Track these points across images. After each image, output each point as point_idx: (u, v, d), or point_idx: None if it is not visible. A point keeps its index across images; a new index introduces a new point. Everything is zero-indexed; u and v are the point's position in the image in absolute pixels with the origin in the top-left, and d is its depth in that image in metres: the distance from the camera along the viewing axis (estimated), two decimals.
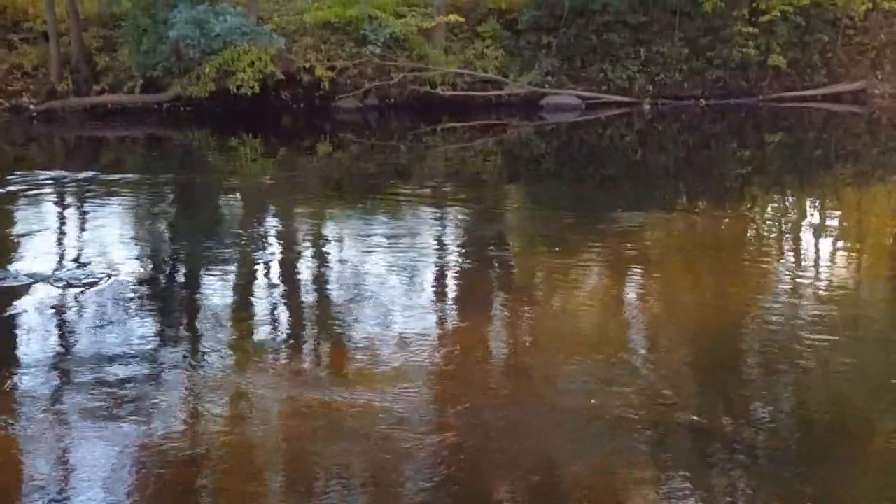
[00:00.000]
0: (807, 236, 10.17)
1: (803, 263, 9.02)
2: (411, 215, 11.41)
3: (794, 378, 6.05)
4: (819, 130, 20.58)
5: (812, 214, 11.75)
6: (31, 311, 7.34)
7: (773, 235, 10.32)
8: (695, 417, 5.40)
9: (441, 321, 7.23)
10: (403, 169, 15.97)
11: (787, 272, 8.66)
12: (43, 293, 7.77)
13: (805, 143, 18.76)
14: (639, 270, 8.70)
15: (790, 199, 12.72)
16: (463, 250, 9.51)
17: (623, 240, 9.57)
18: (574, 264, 8.74)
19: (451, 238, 10.25)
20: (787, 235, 10.31)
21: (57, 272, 8.42)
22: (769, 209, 12.01)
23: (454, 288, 8.22)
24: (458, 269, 8.85)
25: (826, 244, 9.72)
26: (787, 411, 5.69)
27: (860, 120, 21.50)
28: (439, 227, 10.79)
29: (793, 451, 5.03)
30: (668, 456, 4.99)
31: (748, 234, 10.38)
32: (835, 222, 11.06)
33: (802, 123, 21.31)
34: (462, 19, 22.36)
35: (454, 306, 7.69)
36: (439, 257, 9.20)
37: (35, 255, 9.12)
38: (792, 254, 9.43)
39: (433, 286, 8.16)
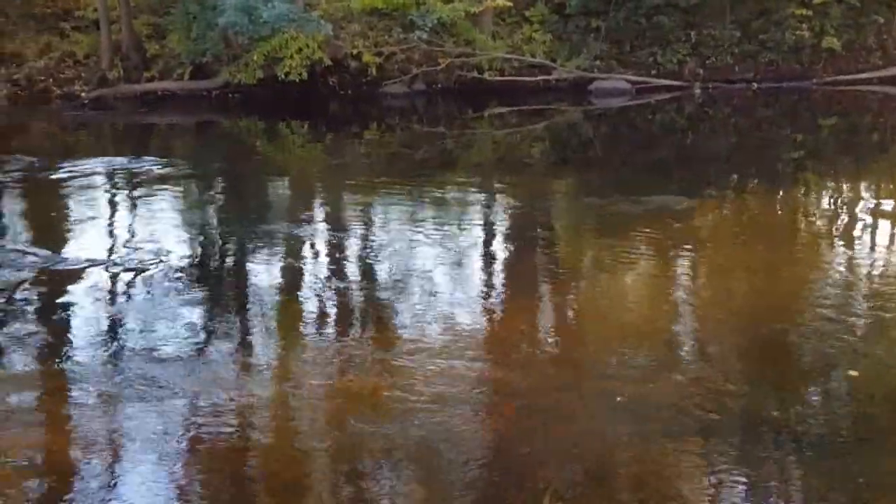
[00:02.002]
0: (861, 221, 9.98)
1: (857, 248, 8.86)
2: (459, 201, 11.38)
3: (846, 365, 5.94)
4: (874, 114, 20.18)
5: (866, 199, 11.52)
6: (86, 294, 7.45)
7: (827, 220, 10.15)
8: (746, 404, 5.33)
9: (489, 305, 7.20)
10: (451, 154, 15.93)
11: (840, 257, 8.52)
12: (96, 277, 7.88)
13: (860, 126, 18.41)
14: (689, 255, 8.61)
15: (844, 183, 12.48)
16: (511, 235, 9.47)
17: (673, 224, 9.47)
18: (623, 248, 8.66)
19: (499, 223, 10.21)
20: (841, 220, 10.14)
21: (110, 257, 8.53)
22: (822, 193, 11.82)
23: (502, 272, 8.18)
24: (505, 253, 8.81)
25: (881, 229, 9.53)
26: (838, 398, 5.60)
27: None
28: (487, 212, 10.75)
29: (844, 440, 4.94)
30: (719, 442, 4.93)
31: (801, 219, 10.22)
32: (890, 207, 10.83)
33: (857, 107, 20.91)
34: (510, 4, 22.19)
35: (502, 290, 7.66)
36: (487, 242, 9.16)
37: (88, 241, 9.23)
38: (846, 238, 9.26)
39: (481, 270, 8.14)
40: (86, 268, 8.05)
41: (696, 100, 21.40)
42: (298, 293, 7.60)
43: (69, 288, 7.60)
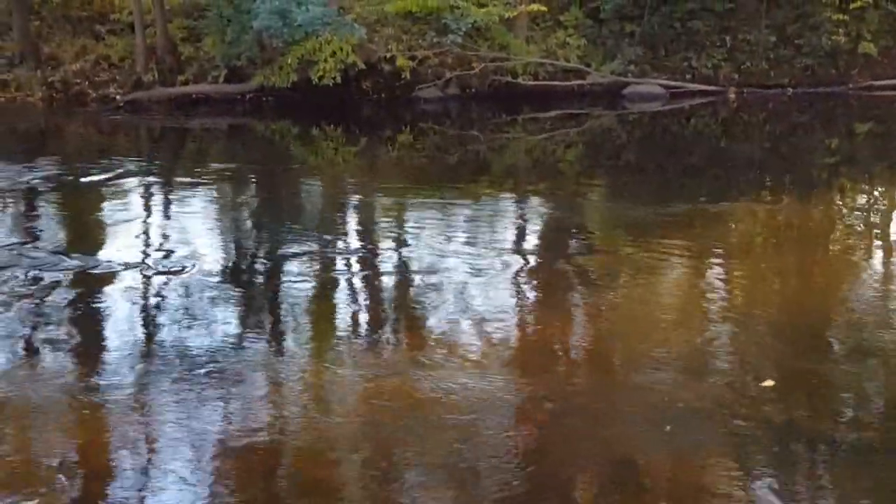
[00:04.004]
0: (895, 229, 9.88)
1: (893, 255, 8.75)
2: (492, 205, 11.36)
3: (881, 371, 5.86)
4: None
5: None
6: (120, 296, 7.50)
7: (861, 226, 10.04)
8: (779, 409, 5.27)
9: (522, 310, 7.18)
10: (484, 159, 15.92)
11: (874, 264, 8.42)
12: (130, 280, 7.93)
13: (895, 132, 18.20)
14: (722, 260, 8.55)
15: (879, 189, 12.33)
16: (544, 239, 9.43)
17: (707, 229, 9.41)
18: (658, 254, 8.60)
19: (532, 227, 10.18)
20: (876, 226, 10.01)
21: (144, 260, 8.59)
22: (857, 199, 11.69)
23: (535, 277, 8.15)
24: (538, 257, 8.78)
25: None
26: (872, 404, 5.52)
27: None
28: (520, 217, 10.72)
29: (878, 445, 4.87)
30: (751, 447, 4.88)
31: (836, 225, 10.12)
32: None
33: (893, 113, 20.68)
34: (544, 8, 22.14)
35: (535, 295, 7.63)
36: (520, 247, 9.14)
37: (122, 244, 9.29)
38: (880, 245, 9.15)
39: (514, 276, 8.10)
40: (120, 271, 8.10)
41: (730, 105, 21.25)
42: (331, 299, 7.61)
43: (104, 290, 7.65)
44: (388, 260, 8.80)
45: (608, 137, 18.40)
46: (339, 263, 8.75)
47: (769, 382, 5.56)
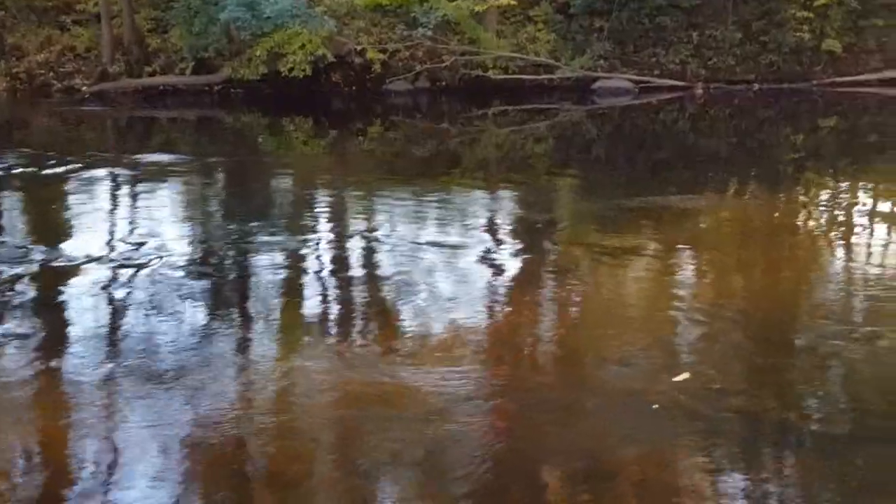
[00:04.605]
0: (860, 222, 9.98)
1: (856, 249, 8.86)
2: (462, 198, 11.37)
3: (843, 364, 5.94)
4: (873, 115, 20.18)
5: (865, 200, 11.51)
6: (83, 290, 7.42)
7: (826, 220, 10.14)
8: (744, 403, 5.33)
9: (490, 303, 7.19)
10: (454, 152, 15.93)
11: (839, 258, 8.52)
12: (95, 273, 7.84)
13: (859, 128, 18.41)
14: (690, 254, 8.61)
15: (843, 184, 12.47)
16: (513, 233, 9.46)
17: (674, 224, 9.47)
18: (625, 247, 8.65)
19: (502, 220, 10.20)
20: (840, 221, 10.13)
21: (108, 253, 8.50)
22: (822, 194, 11.81)
23: (504, 270, 8.16)
24: (508, 250, 8.80)
25: (879, 230, 9.54)
26: (835, 397, 5.59)
27: None
28: (490, 210, 10.74)
29: (841, 437, 4.94)
30: (718, 441, 4.93)
31: (801, 219, 10.22)
32: (887, 208, 10.83)
33: (856, 109, 20.92)
34: (514, 3, 22.19)
35: (504, 288, 7.64)
36: (489, 239, 9.15)
37: (87, 236, 9.21)
38: (844, 239, 9.25)
39: (484, 269, 8.12)
40: (83, 264, 8.02)
41: (697, 100, 21.41)
42: (300, 292, 7.58)
43: (67, 283, 7.58)
44: (357, 252, 8.79)
45: (578, 132, 18.47)
46: (308, 256, 8.71)
47: (684, 376, 5.58)
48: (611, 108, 20.92)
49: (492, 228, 9.71)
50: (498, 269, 8.17)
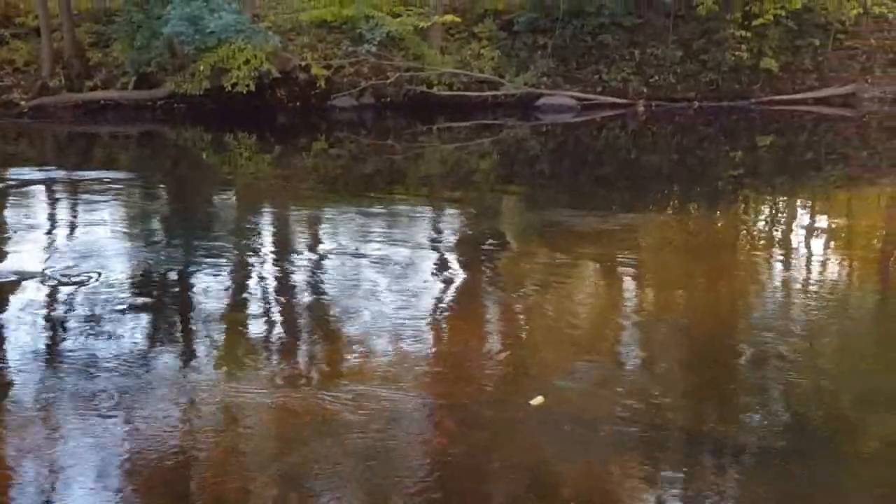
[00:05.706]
0: (797, 238, 10.18)
1: (793, 264, 9.03)
2: (406, 214, 11.39)
3: (782, 377, 6.03)
4: (809, 133, 20.60)
5: (802, 216, 11.75)
6: (19, 309, 7.28)
7: (764, 236, 10.31)
8: (685, 417, 5.39)
9: (434, 320, 7.19)
10: (399, 168, 15.94)
11: (778, 272, 8.66)
12: (32, 291, 7.71)
13: (795, 145, 18.77)
14: (631, 270, 8.70)
15: (781, 201, 12.70)
16: (457, 249, 9.48)
17: (617, 239, 9.57)
18: (567, 264, 8.72)
19: (446, 237, 10.22)
20: (778, 237, 10.31)
21: (46, 270, 8.35)
22: (760, 211, 12.01)
23: (449, 287, 8.18)
24: (453, 267, 8.82)
25: (816, 246, 9.72)
26: (775, 410, 5.67)
27: (850, 123, 21.51)
28: (434, 227, 10.77)
29: (781, 450, 5.01)
30: (659, 455, 4.97)
31: (739, 235, 10.38)
32: (824, 224, 11.06)
33: (793, 126, 21.33)
34: (458, 20, 22.35)
35: (448, 305, 7.65)
36: (434, 256, 9.16)
37: (24, 253, 9.05)
38: (782, 255, 9.42)
39: (428, 285, 8.13)
40: (19, 281, 7.89)
41: (639, 117, 21.68)
42: (241, 308, 7.51)
43: (3, 301, 7.45)
44: (301, 269, 8.74)
45: (522, 148, 18.59)
46: (251, 273, 8.66)
47: (539, 399, 5.60)
48: (554, 124, 21.10)
49: (435, 244, 9.73)
50: (442, 286, 8.18)
